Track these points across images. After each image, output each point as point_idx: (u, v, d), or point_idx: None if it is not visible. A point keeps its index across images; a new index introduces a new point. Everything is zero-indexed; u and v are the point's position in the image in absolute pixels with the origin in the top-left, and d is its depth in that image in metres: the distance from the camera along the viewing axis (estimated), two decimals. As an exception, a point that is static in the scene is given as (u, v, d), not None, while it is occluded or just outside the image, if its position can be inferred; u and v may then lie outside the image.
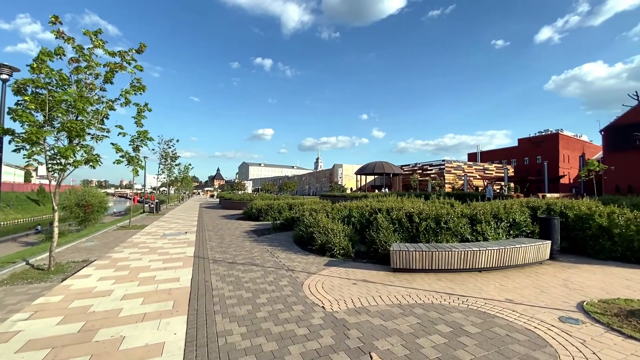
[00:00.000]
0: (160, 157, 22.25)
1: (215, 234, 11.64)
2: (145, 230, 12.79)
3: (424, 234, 6.88)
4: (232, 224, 14.73)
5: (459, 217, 6.98)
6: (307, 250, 8.02)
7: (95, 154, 7.14)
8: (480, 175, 56.52)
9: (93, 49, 7.08)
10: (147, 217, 19.65)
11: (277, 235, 10.97)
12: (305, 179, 77.07)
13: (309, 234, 8.29)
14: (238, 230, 12.41)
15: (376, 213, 8.55)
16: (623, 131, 38.49)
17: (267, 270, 6.27)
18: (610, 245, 6.66)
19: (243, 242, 9.61)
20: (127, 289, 5.22)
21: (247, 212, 16.85)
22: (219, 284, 5.37)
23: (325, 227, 7.78)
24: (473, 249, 5.73)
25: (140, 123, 15.83)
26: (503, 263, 5.93)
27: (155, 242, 9.97)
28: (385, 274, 5.88)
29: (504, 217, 7.16)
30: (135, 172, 15.93)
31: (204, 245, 9.18)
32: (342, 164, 61.57)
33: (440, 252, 5.70)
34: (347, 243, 7.19)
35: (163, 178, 27.25)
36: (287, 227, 12.13)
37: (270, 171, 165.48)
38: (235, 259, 7.29)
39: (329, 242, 7.27)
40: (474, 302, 4.39)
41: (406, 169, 57.80)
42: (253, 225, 14.24)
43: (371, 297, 4.61)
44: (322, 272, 6.06)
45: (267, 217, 15.53)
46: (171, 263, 6.99)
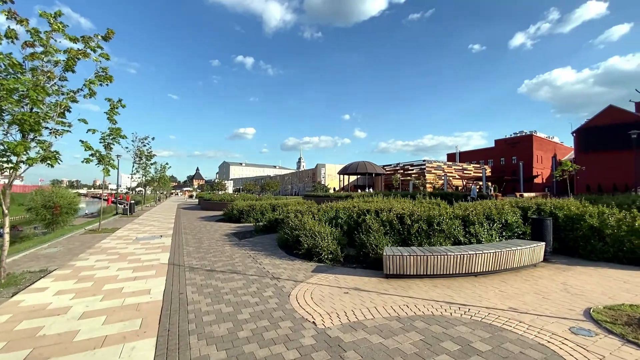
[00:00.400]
0: (135, 156, 21.03)
1: (193, 237, 10.92)
2: (116, 234, 11.88)
3: (415, 237, 6.55)
4: (212, 227, 13.99)
5: (452, 219, 6.70)
6: (293, 255, 7.53)
7: (54, 151, 6.35)
8: (459, 175, 57.74)
9: (51, 32, 6.29)
10: (120, 219, 18.50)
11: (260, 238, 10.40)
12: (288, 179, 76.22)
13: (295, 237, 7.80)
14: (218, 233, 11.73)
15: (365, 214, 8.17)
16: (594, 133, 40.24)
17: (249, 278, 5.73)
18: (602, 246, 6.57)
19: (223, 247, 8.99)
20: (87, 304, 4.55)
21: (227, 213, 16.12)
22: (195, 297, 4.80)
23: (312, 230, 7.32)
24: (469, 252, 5.43)
25: (113, 120, 14.84)
26: (499, 266, 5.67)
27: (127, 247, 9.18)
28: (378, 280, 5.48)
29: (496, 218, 6.95)
30: (106, 172, 14.93)
31: (180, 251, 8.49)
32: (325, 164, 61.24)
33: (436, 257, 5.36)
34: (336, 247, 6.76)
35: (138, 178, 25.95)
36: (270, 229, 11.57)
37: (251, 171, 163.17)
38: (214, 266, 6.69)
39: (317, 246, 6.81)
40: (476, 312, 4.06)
41: (388, 169, 58.19)
42: (234, 227, 13.57)
43: (366, 309, 4.18)
44: (310, 279, 5.59)
45: (249, 218, 14.88)
46: (142, 272, 6.32)
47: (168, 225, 14.59)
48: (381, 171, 53.77)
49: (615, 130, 37.82)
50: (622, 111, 38.57)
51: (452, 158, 77.61)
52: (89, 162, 14.34)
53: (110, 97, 15.12)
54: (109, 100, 14.55)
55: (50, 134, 6.48)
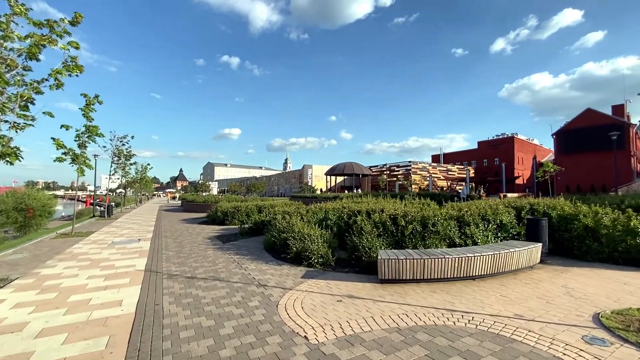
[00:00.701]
0: (113, 155, 20.03)
1: (173, 241, 10.32)
2: (90, 238, 11.13)
3: (410, 238, 6.25)
4: (194, 229, 13.36)
5: (447, 220, 6.44)
6: (281, 259, 7.10)
7: (14, 147, 5.72)
8: (444, 176, 58.45)
9: (12, 16, 5.67)
10: (97, 222, 17.55)
11: (245, 241, 9.90)
12: (274, 180, 75.38)
13: (282, 240, 7.38)
14: (200, 237, 11.15)
15: (356, 215, 7.84)
16: (573, 135, 41.49)
17: (233, 286, 5.27)
18: (597, 247, 6.45)
19: (206, 251, 8.46)
20: (48, 320, 4.01)
21: (211, 215, 15.49)
22: (172, 308, 4.32)
23: (301, 233, 6.91)
24: (468, 255, 5.16)
25: (89, 116, 13.99)
26: (497, 269, 5.43)
27: (100, 252, 8.52)
28: (372, 286, 5.13)
29: (491, 219, 6.74)
30: (80, 172, 14.06)
31: (158, 256, 7.92)
32: (312, 165, 60.82)
33: (433, 260, 5.06)
34: (327, 250, 6.38)
35: (117, 178, 24.87)
36: (256, 231, 11.09)
37: (237, 172, 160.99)
38: (195, 273, 6.20)
39: (306, 250, 6.41)
40: (481, 320, 3.76)
41: (374, 170, 58.32)
42: (218, 230, 12.99)
43: (362, 320, 3.82)
44: (299, 286, 5.18)
45: (234, 220, 14.31)
46: (115, 280, 5.76)
47: (148, 228, 13.86)
48: (368, 172, 53.81)
49: (593, 132, 39.11)
50: (599, 114, 39.93)
51: (437, 159, 78.67)
52: (61, 161, 13.46)
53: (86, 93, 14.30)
54: (85, 96, 13.72)
55: (10, 128, 5.84)
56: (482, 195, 27.69)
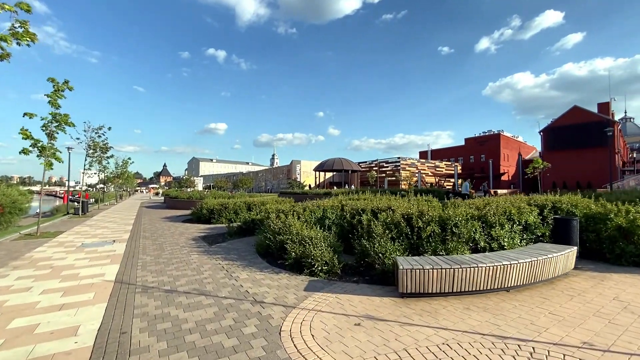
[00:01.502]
0: (87, 148, 18.46)
1: (153, 242, 9.20)
2: (58, 239, 9.87)
3: (428, 242, 5.41)
4: (177, 228, 12.21)
5: (469, 220, 5.62)
6: (277, 265, 6.15)
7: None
8: (432, 172, 58.46)
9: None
10: (70, 220, 16.10)
11: (235, 243, 8.89)
12: (262, 176, 73.85)
13: (279, 243, 6.42)
14: (184, 237, 10.05)
15: (360, 215, 6.96)
16: (559, 132, 41.97)
17: (222, 304, 4.30)
18: (633, 249, 5.78)
19: (189, 255, 7.41)
20: (-31, 361, 2.96)
21: (196, 213, 14.32)
22: (143, 339, 3.32)
23: (300, 235, 5.98)
24: (503, 262, 4.35)
25: (56, 104, 12.52)
26: (534, 278, 4.66)
27: (66, 257, 7.36)
28: (392, 302, 4.26)
29: (516, 219, 5.97)
30: (48, 166, 12.60)
31: (134, 261, 6.84)
32: (301, 160, 59.70)
33: (464, 270, 4.23)
34: (332, 256, 5.47)
35: (94, 173, 23.28)
36: (246, 231, 10.07)
37: (223, 167, 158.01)
38: (175, 285, 5.18)
39: (308, 255, 5.48)
40: (545, 352, 2.94)
41: (363, 166, 57.78)
42: (203, 229, 11.89)
43: (395, 355, 2.94)
44: (304, 302, 4.26)
45: (221, 219, 13.20)
46: (76, 296, 4.69)
47: (125, 228, 12.61)
48: (357, 168, 53.16)
49: (579, 129, 39.62)
50: (585, 112, 40.46)
51: (424, 155, 78.87)
52: (27, 153, 12.03)
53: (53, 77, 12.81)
54: (52, 81, 12.28)
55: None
56: (472, 191, 27.06)
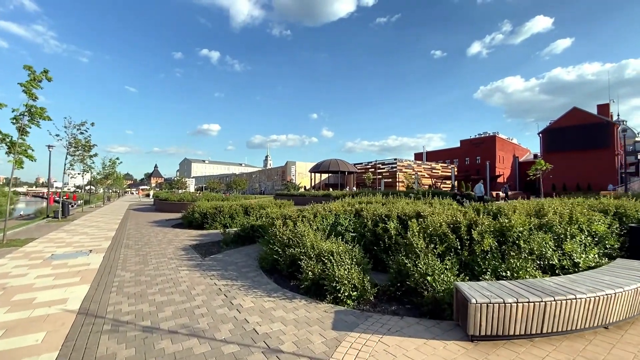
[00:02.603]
0: (68, 146, 16.93)
1: (136, 253, 7.89)
2: (25, 249, 8.49)
3: (484, 260, 4.26)
4: (166, 235, 10.88)
5: (535, 230, 4.48)
6: (289, 287, 4.93)
7: None
8: (429, 174, 57.70)
9: None
10: (48, 224, 14.60)
11: (232, 253, 7.63)
12: (256, 177, 72.29)
13: (289, 258, 5.21)
14: (172, 246, 8.74)
15: (384, 222, 5.80)
16: (558, 134, 41.49)
17: (223, 353, 3.07)
18: None
19: (178, 271, 6.13)
20: None
21: (187, 217, 12.99)
22: None
23: (317, 248, 4.78)
24: (606, 291, 3.23)
25: (31, 94, 11.08)
26: (636, 310, 3.54)
27: (27, 273, 6.04)
28: (461, 349, 3.08)
29: (584, 228, 4.86)
30: (18, 164, 11.12)
31: (108, 279, 5.55)
32: (296, 162, 58.40)
33: (557, 303, 3.08)
34: (361, 277, 4.28)
35: (78, 173, 21.73)
36: (245, 239, 8.81)
37: (215, 168, 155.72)
38: (158, 317, 3.93)
39: (330, 277, 4.28)
40: None
41: (359, 168, 56.79)
42: (195, 236, 10.58)
43: None
44: (339, 353, 3.05)
45: (215, 224, 11.89)
46: (19, 337, 3.42)
47: (107, 234, 11.24)
48: (353, 169, 52.10)
49: (578, 131, 39.17)
50: (585, 113, 40.05)
51: (420, 157, 78.26)
52: (-7, 149, 10.67)
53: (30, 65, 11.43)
54: (29, 69, 10.90)
55: None
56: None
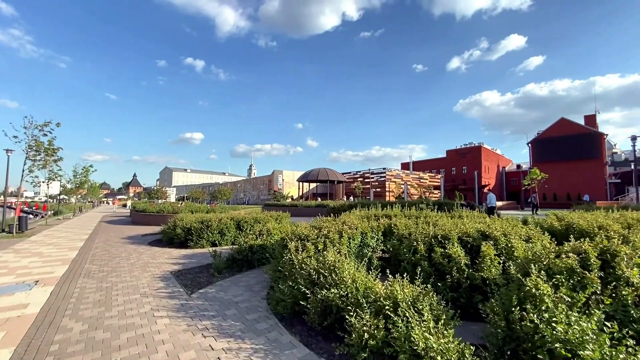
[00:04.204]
0: (28, 149, 14.63)
1: (98, 285, 5.99)
2: (-52, 280, 6.40)
3: None
4: (141, 256, 8.93)
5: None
6: (329, 353, 3.27)
7: None
8: (417, 183, 57.16)
9: None
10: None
11: (227, 285, 5.86)
12: (241, 186, 69.71)
13: (321, 304, 3.55)
14: (148, 274, 6.86)
15: (443, 245, 4.27)
16: (547, 144, 41.76)
17: None
18: None
19: (153, 321, 4.31)
20: None
21: (167, 232, 11.01)
22: None
23: (371, 293, 3.16)
24: None
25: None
26: None
27: None
28: None
29: None
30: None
31: (46, 338, 3.70)
32: (283, 170, 56.60)
33: None
34: (459, 349, 2.67)
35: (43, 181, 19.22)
36: (242, 263, 7.03)
37: (197, 177, 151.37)
38: None
39: (404, 347, 2.65)
40: None
41: (347, 177, 55.62)
42: (177, 258, 8.68)
43: None
44: None
45: (202, 241, 10.00)
46: None
47: (67, 254, 9.17)
48: (342, 179, 50.83)
49: (567, 141, 39.48)
50: (572, 123, 40.51)
51: (407, 167, 78.08)
52: None
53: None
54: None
55: None
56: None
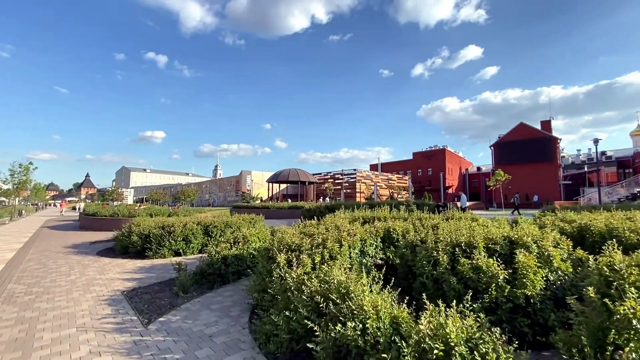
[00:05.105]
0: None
1: (20, 312, 4.58)
2: None
3: None
4: (85, 271, 7.42)
5: None
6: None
7: None
8: (386, 184, 57.95)
9: None
10: None
11: (197, 309, 4.73)
12: (206, 187, 66.49)
13: (332, 343, 2.62)
14: (91, 295, 5.49)
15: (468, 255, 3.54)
16: (508, 147, 43.94)
17: None
18: None
19: (93, 366, 3.15)
20: None
21: (122, 239, 9.46)
22: None
23: (399, 327, 2.29)
24: None
25: None
26: None
27: None
28: None
29: None
30: None
31: None
32: (251, 171, 54.66)
33: None
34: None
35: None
36: (213, 278, 5.88)
37: (158, 178, 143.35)
38: None
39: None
40: None
41: (318, 178, 55.05)
42: (132, 272, 7.29)
43: None
44: None
45: (163, 250, 8.60)
46: None
47: (-12, 271, 7.40)
48: (313, 179, 50.10)
49: (525, 145, 41.78)
50: (530, 128, 42.96)
51: (375, 168, 79.21)
52: None
53: None
54: None
55: None
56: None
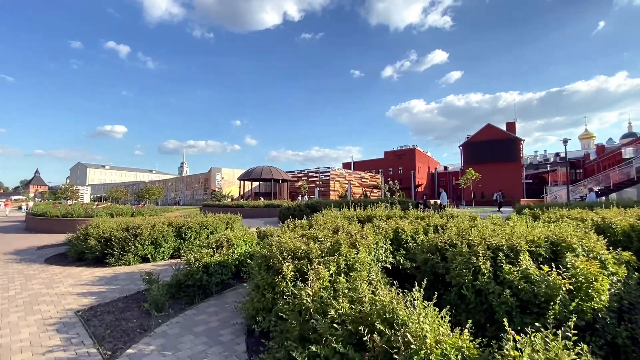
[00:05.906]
0: None
1: None
2: None
3: None
4: (29, 284, 6.16)
5: None
6: None
7: None
8: (359, 182, 58.30)
9: None
10: None
11: (175, 334, 3.85)
12: (172, 185, 63.06)
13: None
14: (35, 318, 4.39)
15: (512, 262, 3.02)
16: (476, 147, 45.66)
17: None
18: None
19: None
20: None
21: (76, 243, 8.15)
22: None
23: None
24: None
25: None
26: None
27: None
28: None
29: None
30: None
31: None
32: (221, 168, 52.50)
33: None
34: None
35: None
36: (192, 291, 4.98)
37: (119, 175, 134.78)
38: None
39: None
40: None
41: (292, 176, 54.17)
42: (90, 283, 6.15)
43: None
44: None
45: (127, 255, 7.44)
46: None
47: None
48: (287, 177, 49.10)
49: (492, 145, 43.61)
50: (497, 129, 44.91)
51: (348, 167, 79.62)
52: None
53: None
54: None
55: None
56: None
